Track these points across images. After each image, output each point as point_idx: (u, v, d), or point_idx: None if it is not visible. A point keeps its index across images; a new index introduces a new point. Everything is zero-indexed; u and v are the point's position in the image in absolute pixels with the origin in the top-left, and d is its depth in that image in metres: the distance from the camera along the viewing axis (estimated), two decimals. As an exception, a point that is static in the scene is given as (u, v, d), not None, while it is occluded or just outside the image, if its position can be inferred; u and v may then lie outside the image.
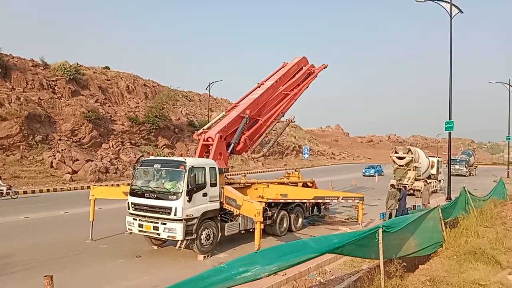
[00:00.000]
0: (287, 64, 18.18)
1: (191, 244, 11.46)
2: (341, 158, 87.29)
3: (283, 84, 17.18)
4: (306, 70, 18.62)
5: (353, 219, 17.84)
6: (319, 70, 19.20)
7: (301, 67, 18.52)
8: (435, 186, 29.72)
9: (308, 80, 18.49)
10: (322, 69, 19.43)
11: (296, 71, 18.18)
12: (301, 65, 18.57)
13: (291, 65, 18.05)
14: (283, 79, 17.27)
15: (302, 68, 18.53)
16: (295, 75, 17.99)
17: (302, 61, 18.66)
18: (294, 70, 18.07)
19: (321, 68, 19.37)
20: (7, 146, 30.26)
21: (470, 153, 58.85)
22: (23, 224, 16.33)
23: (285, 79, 17.36)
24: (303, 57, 18.83)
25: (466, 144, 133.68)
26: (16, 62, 36.96)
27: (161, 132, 44.25)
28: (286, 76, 17.45)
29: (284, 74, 17.35)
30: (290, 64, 18.16)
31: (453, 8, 24.25)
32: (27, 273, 10.07)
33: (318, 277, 9.69)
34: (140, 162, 12.90)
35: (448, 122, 24.42)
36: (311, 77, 18.69)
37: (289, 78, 17.64)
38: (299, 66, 18.40)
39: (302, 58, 18.71)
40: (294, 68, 18.04)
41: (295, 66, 18.12)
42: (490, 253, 9.21)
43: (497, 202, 18.41)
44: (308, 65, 18.90)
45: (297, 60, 18.46)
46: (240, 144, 14.69)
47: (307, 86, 18.39)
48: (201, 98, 66.73)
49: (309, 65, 18.93)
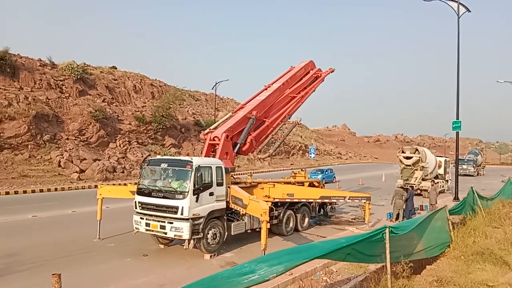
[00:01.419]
0: (294, 68, 18.40)
1: (198, 243, 11.50)
2: (348, 158, 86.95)
3: (290, 87, 17.36)
4: (313, 73, 18.78)
5: (360, 219, 17.80)
6: (326, 74, 19.39)
7: (308, 70, 18.68)
8: (443, 186, 29.52)
9: (315, 84, 18.69)
10: (329, 73, 19.62)
11: (303, 75, 18.36)
12: (308, 69, 18.74)
13: (298, 68, 18.26)
14: (290, 82, 17.46)
15: (309, 72, 18.70)
16: (302, 78, 18.17)
17: (309, 65, 18.84)
18: (301, 73, 18.26)
19: (328, 72, 19.55)
20: (15, 145, 30.48)
21: (476, 152, 58.40)
22: (31, 222, 16.46)
23: (292, 82, 17.54)
24: (310, 61, 19.02)
25: (474, 144, 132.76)
26: (24, 62, 37.23)
27: (167, 132, 44.38)
28: (293, 79, 17.64)
29: (291, 77, 17.54)
30: (297, 67, 18.38)
31: (461, 7, 24.11)
32: (34, 271, 10.16)
33: (324, 277, 9.66)
34: (147, 162, 12.95)
35: (455, 122, 24.27)
36: (318, 81, 18.89)
37: (296, 81, 17.81)
38: (306, 69, 18.59)
39: (309, 62, 18.92)
40: (301, 71, 18.24)
41: (302, 70, 18.32)
42: (498, 253, 9.14)
43: (506, 202, 18.21)
44: (315, 69, 19.07)
45: (304, 64, 18.67)
46: (246, 145, 14.74)
47: (313, 89, 18.60)
48: (207, 98, 66.82)
49: (316, 69, 19.11)
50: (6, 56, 34.15)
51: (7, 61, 34.16)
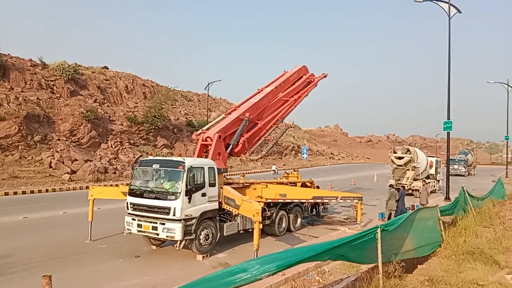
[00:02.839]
0: (287, 72, 18.64)
1: (190, 244, 11.47)
2: (340, 158, 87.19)
3: (283, 90, 17.60)
4: (306, 78, 19.07)
5: (352, 219, 17.89)
6: (318, 79, 19.66)
7: (301, 75, 18.95)
8: (434, 186, 29.74)
9: (308, 88, 18.94)
10: (321, 78, 19.91)
11: (296, 79, 18.63)
12: (301, 74, 19.01)
13: (291, 73, 18.52)
14: (283, 85, 17.71)
15: (302, 77, 18.97)
16: (295, 82, 18.44)
17: (302, 70, 19.11)
18: (294, 78, 18.53)
19: (320, 77, 19.83)
20: (5, 146, 30.18)
21: (466, 152, 58.90)
22: (22, 224, 16.30)
23: (285, 86, 17.79)
24: (303, 66, 19.28)
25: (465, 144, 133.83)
26: (15, 62, 36.87)
27: (160, 132, 44.19)
28: (286, 83, 17.90)
29: (284, 81, 17.80)
30: (290, 72, 18.63)
31: (452, 8, 24.34)
32: (25, 273, 10.07)
33: (317, 277, 9.69)
34: (139, 162, 12.88)
35: (446, 122, 24.49)
36: (311, 85, 19.14)
37: (289, 85, 18.07)
38: (299, 74, 18.84)
39: (302, 67, 19.18)
40: (294, 76, 18.51)
41: (295, 74, 18.58)
42: (488, 253, 9.23)
43: (496, 202, 18.45)
44: (308, 74, 19.36)
45: (297, 68, 18.94)
46: (239, 146, 14.78)
47: (306, 94, 18.84)
48: (200, 98, 66.62)
49: (309, 74, 19.40)
50: (-4, 56, 33.84)
51: (-3, 61, 33.84)
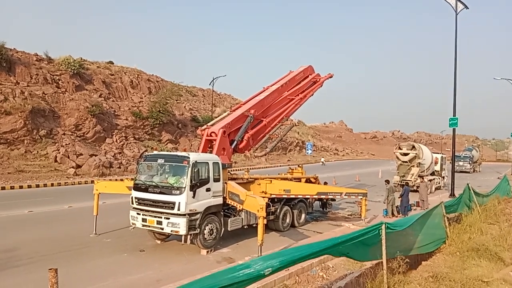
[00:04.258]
0: (292, 72, 18.71)
1: (194, 239, 11.52)
2: (345, 154, 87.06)
3: (288, 89, 17.68)
4: (311, 78, 19.13)
5: (356, 215, 17.88)
6: (324, 79, 19.67)
7: (307, 75, 19.02)
8: (439, 183, 29.67)
9: (313, 88, 18.97)
10: (327, 78, 19.89)
11: (302, 79, 18.70)
12: (307, 73, 19.07)
13: (297, 72, 18.62)
14: (289, 84, 17.80)
15: (308, 76, 19.04)
16: (300, 82, 18.50)
17: (308, 70, 19.17)
18: (300, 77, 18.60)
19: (326, 78, 19.82)
20: (11, 140, 30.35)
21: (471, 148, 58.61)
22: (27, 218, 16.41)
23: (290, 85, 17.87)
24: (309, 66, 19.35)
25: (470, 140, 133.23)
26: (20, 57, 36.98)
27: (164, 127, 44.28)
28: (291, 82, 17.98)
29: (289, 80, 17.90)
30: (295, 71, 18.73)
31: (459, 3, 24.15)
32: (31, 267, 10.15)
33: (321, 272, 9.70)
34: (144, 157, 12.89)
35: (452, 119, 24.37)
36: (317, 85, 19.16)
37: (295, 84, 18.14)
38: (305, 74, 18.92)
39: (308, 66, 19.25)
40: (299, 75, 18.59)
41: (300, 74, 18.67)
42: (493, 249, 9.20)
43: (501, 199, 18.34)
44: (314, 73, 19.41)
45: (303, 68, 19.02)
46: (243, 142, 14.78)
47: (312, 93, 18.89)
48: (204, 93, 66.62)
49: (315, 74, 19.45)
50: (2, 50, 33.86)
51: (3, 56, 33.91)
